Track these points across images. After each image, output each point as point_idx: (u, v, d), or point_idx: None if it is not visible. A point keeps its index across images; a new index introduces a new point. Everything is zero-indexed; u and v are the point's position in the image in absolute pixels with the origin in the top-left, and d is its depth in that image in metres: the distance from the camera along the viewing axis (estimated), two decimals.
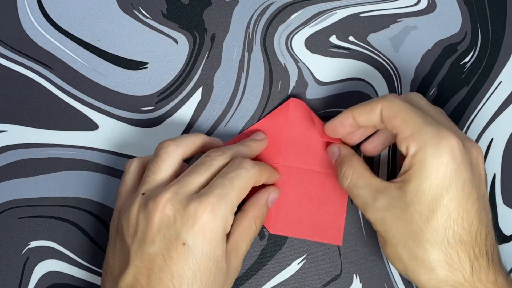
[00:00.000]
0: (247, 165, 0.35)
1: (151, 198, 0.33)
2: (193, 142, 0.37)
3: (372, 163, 0.41)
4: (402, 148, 0.33)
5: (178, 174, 0.36)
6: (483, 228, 0.32)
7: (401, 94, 0.42)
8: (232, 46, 0.43)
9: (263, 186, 0.38)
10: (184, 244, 0.31)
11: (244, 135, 0.41)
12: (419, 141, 0.32)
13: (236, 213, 0.35)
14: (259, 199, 0.37)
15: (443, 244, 0.31)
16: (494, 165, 0.42)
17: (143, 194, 0.34)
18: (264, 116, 0.42)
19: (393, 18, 0.43)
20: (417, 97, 0.36)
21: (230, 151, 0.36)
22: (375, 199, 0.33)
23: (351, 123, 0.36)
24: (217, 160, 0.35)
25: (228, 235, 0.34)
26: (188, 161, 0.38)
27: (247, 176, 0.34)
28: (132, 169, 0.37)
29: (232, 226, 0.35)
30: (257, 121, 0.42)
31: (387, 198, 0.33)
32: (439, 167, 0.31)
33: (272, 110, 0.42)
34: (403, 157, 0.34)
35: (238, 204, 0.34)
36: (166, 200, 0.32)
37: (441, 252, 0.31)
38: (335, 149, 0.39)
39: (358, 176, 0.35)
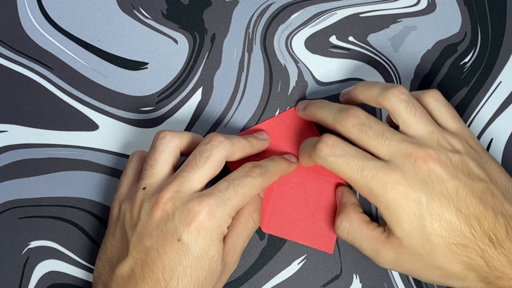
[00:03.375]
0: (255, 173, 0.35)
1: (153, 195, 0.34)
2: (190, 135, 0.37)
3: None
4: (367, 198, 0.34)
5: (176, 165, 0.36)
6: (472, 222, 0.32)
7: None
8: (232, 46, 0.43)
9: None
10: (179, 240, 0.32)
11: (247, 132, 0.41)
12: (371, 197, 0.34)
13: None
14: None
15: (455, 257, 0.32)
16: None
17: (144, 188, 0.35)
18: (271, 117, 0.42)
19: (393, 18, 0.43)
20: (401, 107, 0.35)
21: (230, 140, 0.36)
22: (379, 254, 0.35)
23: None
24: (216, 150, 0.35)
25: (226, 236, 0.35)
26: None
27: (252, 185, 0.34)
28: (134, 160, 0.38)
29: (229, 226, 0.35)
30: (261, 121, 0.42)
31: (391, 250, 0.34)
32: (401, 210, 0.32)
33: (271, 110, 0.42)
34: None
35: (238, 209, 0.34)
36: (167, 198, 0.33)
37: (460, 263, 0.32)
38: (338, 193, 0.39)
39: (354, 230, 0.36)
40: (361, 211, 0.37)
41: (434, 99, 0.36)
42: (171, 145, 0.36)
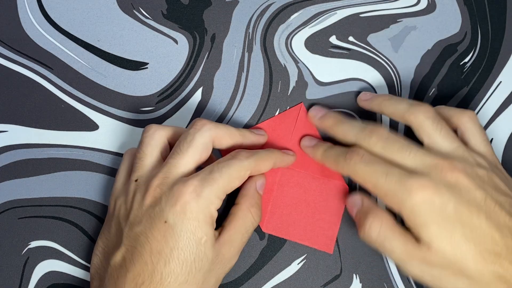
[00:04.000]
0: (241, 155, 0.35)
1: (143, 185, 0.35)
2: (176, 127, 0.38)
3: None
4: (389, 206, 0.34)
5: (165, 155, 0.37)
6: (504, 230, 0.32)
7: (400, 94, 0.42)
8: (232, 46, 0.43)
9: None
10: (165, 222, 0.32)
11: None
12: (395, 203, 0.33)
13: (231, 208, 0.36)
14: (247, 189, 0.37)
15: (487, 266, 0.32)
16: None
17: (136, 180, 0.35)
18: (271, 117, 0.42)
19: (393, 18, 0.43)
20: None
21: (214, 124, 0.36)
22: (410, 259, 0.33)
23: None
24: (198, 133, 0.35)
25: (223, 228, 0.35)
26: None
27: (238, 166, 0.34)
28: (126, 157, 0.39)
29: (227, 219, 0.36)
30: (261, 121, 0.42)
31: (420, 255, 0.33)
32: (427, 215, 0.32)
33: (271, 110, 0.42)
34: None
35: (226, 191, 0.34)
36: (156, 185, 0.34)
37: (491, 273, 0.32)
38: (357, 199, 0.37)
39: (386, 231, 0.34)
40: (388, 212, 0.36)
41: (470, 119, 0.37)
42: (156, 137, 0.36)
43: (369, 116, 0.42)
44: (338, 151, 0.37)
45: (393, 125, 0.42)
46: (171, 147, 0.38)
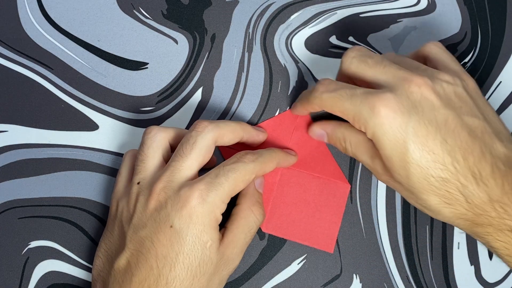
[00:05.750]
0: (247, 158, 0.35)
1: (147, 188, 0.34)
2: (177, 128, 0.38)
3: None
4: (358, 128, 0.34)
5: (167, 157, 0.37)
6: (457, 154, 0.31)
7: None
8: (232, 46, 0.43)
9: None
10: (171, 226, 0.32)
11: None
12: (361, 123, 0.33)
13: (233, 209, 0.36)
14: (247, 189, 0.37)
15: (432, 189, 0.32)
16: None
17: (138, 183, 0.35)
18: (271, 118, 0.42)
19: (393, 18, 0.43)
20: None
21: (216, 124, 0.36)
22: (374, 167, 0.35)
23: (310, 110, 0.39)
24: (200, 136, 0.35)
25: (225, 229, 0.35)
26: None
27: (244, 170, 0.34)
28: (127, 159, 0.39)
29: (229, 220, 0.36)
30: (261, 121, 0.42)
31: (381, 166, 0.35)
32: (386, 132, 0.32)
33: (271, 110, 0.42)
34: None
35: (231, 195, 0.34)
36: (160, 189, 0.34)
37: (436, 196, 0.32)
38: (318, 130, 0.39)
39: (355, 145, 0.36)
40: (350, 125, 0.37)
41: (435, 45, 0.37)
42: (158, 138, 0.36)
43: None
44: (305, 92, 0.38)
45: None
46: (172, 149, 0.38)
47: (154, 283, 0.32)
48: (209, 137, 0.35)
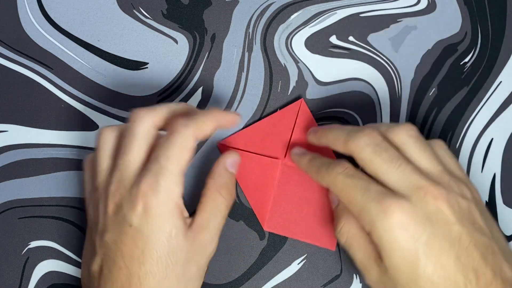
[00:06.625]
0: (179, 125, 0.33)
1: (103, 192, 0.34)
2: (164, 110, 0.35)
3: None
4: (361, 224, 0.33)
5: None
6: (470, 274, 0.30)
7: (401, 94, 0.42)
8: (232, 46, 0.43)
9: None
10: (131, 226, 0.32)
11: (246, 131, 0.41)
12: (367, 221, 0.32)
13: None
14: (215, 169, 0.37)
15: None
16: (494, 165, 0.42)
17: (97, 189, 0.35)
18: (271, 114, 0.41)
19: (393, 18, 0.43)
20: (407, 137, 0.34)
21: (151, 108, 0.34)
22: (368, 270, 0.33)
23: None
24: (136, 124, 0.34)
25: (194, 213, 0.35)
26: None
27: (180, 140, 0.33)
28: (87, 165, 0.38)
29: (199, 203, 0.35)
30: (260, 119, 0.42)
31: (377, 272, 0.32)
32: (396, 241, 0.30)
33: (271, 110, 0.42)
34: None
35: (182, 171, 0.33)
36: (113, 191, 0.33)
37: None
38: (334, 197, 0.37)
39: (354, 237, 0.34)
40: None
41: (440, 147, 0.35)
42: (106, 143, 0.35)
43: (367, 120, 0.42)
44: (323, 160, 0.36)
45: None
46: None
47: (126, 282, 0.32)
48: (145, 124, 0.34)
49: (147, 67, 0.43)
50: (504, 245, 0.32)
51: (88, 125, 0.42)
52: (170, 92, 0.42)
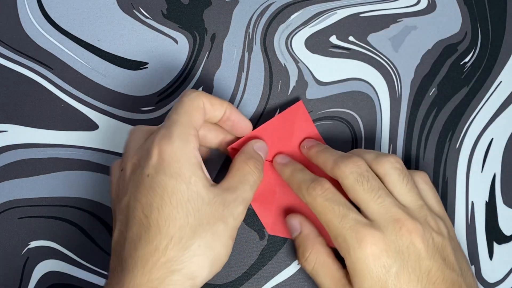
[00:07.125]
0: (186, 92, 0.35)
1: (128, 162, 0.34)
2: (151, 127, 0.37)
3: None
4: (337, 247, 0.34)
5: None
6: None
7: (401, 94, 0.42)
8: (232, 46, 0.43)
9: None
10: (148, 175, 0.32)
11: (247, 137, 0.41)
12: (342, 247, 0.33)
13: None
14: (244, 148, 0.37)
15: None
16: (494, 165, 0.42)
17: (121, 170, 0.35)
18: (270, 120, 0.41)
19: (393, 18, 0.43)
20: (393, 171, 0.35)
21: (203, 92, 0.35)
22: None
23: None
24: (187, 97, 0.35)
25: (222, 180, 0.34)
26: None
27: (188, 99, 0.34)
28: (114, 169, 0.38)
29: (226, 175, 0.35)
30: (261, 121, 0.42)
31: None
32: (368, 270, 0.32)
33: (271, 110, 0.42)
34: None
35: (195, 126, 0.33)
36: (133, 155, 0.34)
37: None
38: (295, 224, 0.38)
39: (320, 266, 0.35)
40: (325, 243, 0.37)
41: (423, 180, 0.37)
42: (139, 137, 0.36)
43: (367, 119, 0.42)
44: (305, 176, 0.37)
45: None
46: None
47: (145, 233, 0.31)
48: (195, 97, 0.35)
49: (147, 67, 0.43)
50: (471, 281, 0.34)
51: (88, 125, 0.42)
52: (170, 92, 0.42)
